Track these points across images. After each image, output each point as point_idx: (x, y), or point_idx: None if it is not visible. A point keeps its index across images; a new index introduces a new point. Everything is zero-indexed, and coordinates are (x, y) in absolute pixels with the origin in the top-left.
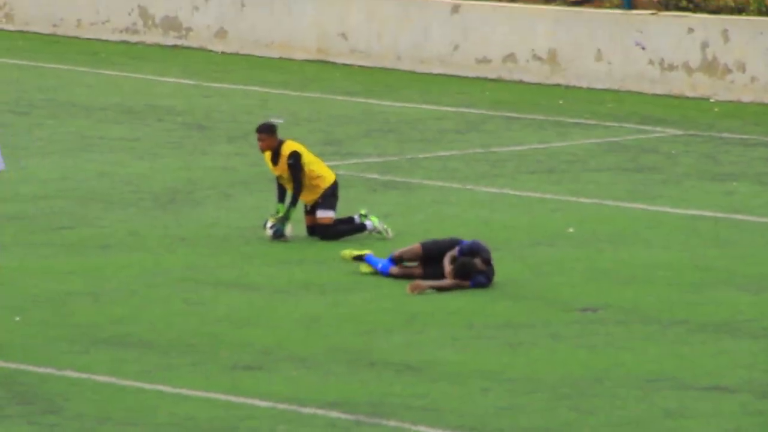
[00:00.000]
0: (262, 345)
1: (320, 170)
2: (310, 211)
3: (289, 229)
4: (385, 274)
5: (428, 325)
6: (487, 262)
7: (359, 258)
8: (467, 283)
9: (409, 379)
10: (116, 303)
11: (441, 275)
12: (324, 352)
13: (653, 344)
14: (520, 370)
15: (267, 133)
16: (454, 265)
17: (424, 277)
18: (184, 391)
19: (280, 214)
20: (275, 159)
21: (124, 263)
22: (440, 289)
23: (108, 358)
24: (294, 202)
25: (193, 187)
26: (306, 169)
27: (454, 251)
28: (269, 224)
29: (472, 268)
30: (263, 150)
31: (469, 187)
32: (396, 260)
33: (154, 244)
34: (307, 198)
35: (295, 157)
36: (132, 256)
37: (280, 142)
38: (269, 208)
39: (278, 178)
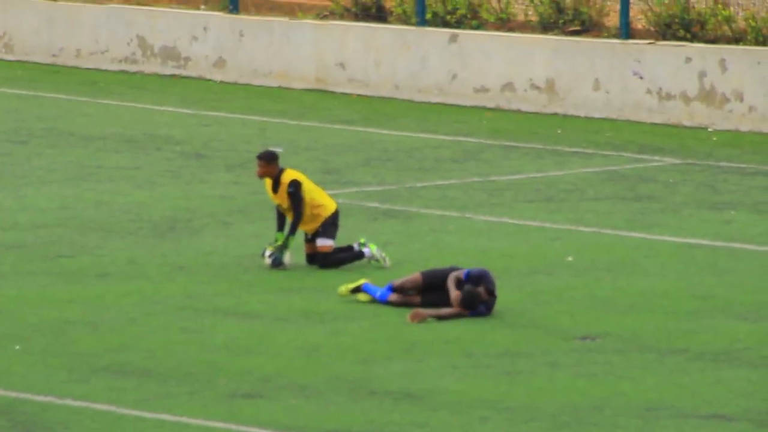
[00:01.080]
0: (262, 373)
1: (321, 199)
2: (311, 239)
3: (287, 258)
4: (383, 301)
5: (427, 354)
6: (491, 292)
7: (357, 290)
8: (467, 312)
9: (408, 407)
10: (115, 331)
11: (440, 303)
12: (324, 380)
13: (652, 373)
14: (519, 398)
15: (266, 160)
16: (462, 293)
17: (423, 304)
18: (183, 420)
19: (279, 243)
20: (275, 187)
21: (123, 292)
22: (440, 318)
23: (107, 386)
24: (293, 230)
25: (192, 215)
26: (307, 197)
27: (460, 273)
28: (268, 252)
29: (477, 298)
30: (260, 176)
31: (467, 215)
32: (396, 290)
33: (153, 273)
34: (307, 227)
35: (295, 185)
36: (131, 285)
37: (281, 171)
38: (268, 236)
39: (278, 206)
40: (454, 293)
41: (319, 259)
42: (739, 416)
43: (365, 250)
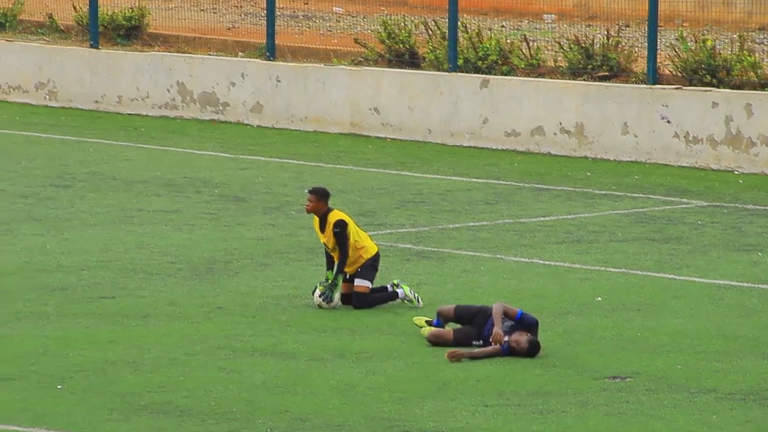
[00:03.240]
0: (299, 412)
1: (364, 241)
2: (349, 279)
3: (337, 296)
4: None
5: (460, 393)
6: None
7: (429, 323)
8: (500, 350)
9: None
10: (156, 371)
11: (468, 337)
12: (359, 419)
13: (682, 412)
14: None
15: (318, 195)
16: (529, 342)
17: (455, 341)
18: None
19: (329, 281)
20: (322, 226)
21: (163, 332)
22: (473, 357)
23: (148, 425)
24: (340, 269)
25: (230, 257)
26: (351, 239)
27: (510, 309)
28: (318, 292)
29: (539, 348)
30: (309, 211)
31: (499, 256)
32: (438, 315)
33: (192, 313)
34: (349, 268)
35: (341, 225)
36: (171, 326)
37: (328, 210)
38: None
39: (325, 245)
40: (499, 331)
41: (354, 299)
42: None
43: (399, 291)
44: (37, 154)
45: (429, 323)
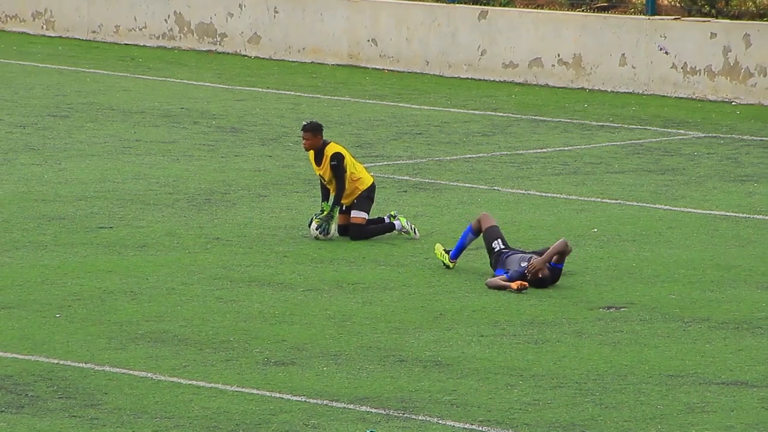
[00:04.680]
0: (295, 341)
1: (360, 173)
2: (345, 210)
3: (333, 228)
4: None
5: (456, 323)
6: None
7: (448, 251)
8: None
9: (437, 375)
10: (153, 300)
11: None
12: (355, 348)
13: (675, 341)
14: (545, 366)
15: (312, 132)
16: (550, 271)
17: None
18: (219, 386)
19: (325, 213)
20: (318, 159)
21: (161, 262)
22: (500, 288)
23: (145, 354)
24: (337, 201)
25: (228, 188)
26: (348, 171)
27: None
28: (314, 225)
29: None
30: (307, 149)
31: (495, 188)
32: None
33: (189, 244)
34: (346, 200)
35: (338, 158)
36: (168, 255)
37: (325, 143)
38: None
39: (321, 177)
40: (543, 267)
41: (351, 231)
42: (760, 383)
43: (396, 223)
44: (34, 84)
45: (447, 252)
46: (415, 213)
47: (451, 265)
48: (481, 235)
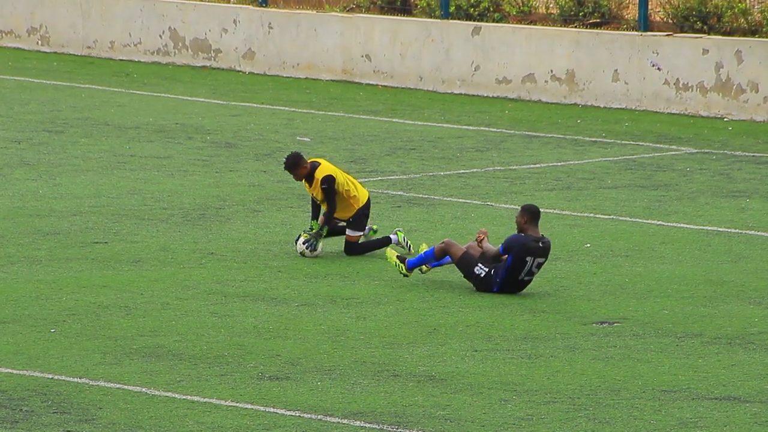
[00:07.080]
0: (289, 356)
1: (355, 190)
2: (346, 226)
3: (320, 246)
4: (431, 256)
5: (449, 338)
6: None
7: (402, 260)
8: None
9: (431, 390)
10: (148, 315)
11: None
12: (349, 363)
13: (668, 356)
14: (538, 381)
15: (293, 168)
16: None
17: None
18: (213, 401)
19: (315, 231)
20: (310, 180)
21: (155, 277)
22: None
23: (140, 369)
24: (327, 221)
25: (222, 203)
26: (341, 189)
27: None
28: (302, 240)
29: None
30: (298, 180)
31: (489, 203)
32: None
33: (184, 259)
34: (341, 215)
35: (328, 181)
36: (163, 270)
37: (314, 167)
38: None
39: (313, 197)
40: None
41: (346, 247)
42: (752, 398)
43: (392, 236)
44: (29, 99)
45: (401, 259)
46: (409, 228)
47: (408, 274)
48: (455, 264)
